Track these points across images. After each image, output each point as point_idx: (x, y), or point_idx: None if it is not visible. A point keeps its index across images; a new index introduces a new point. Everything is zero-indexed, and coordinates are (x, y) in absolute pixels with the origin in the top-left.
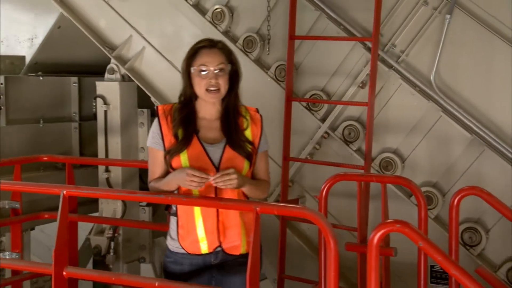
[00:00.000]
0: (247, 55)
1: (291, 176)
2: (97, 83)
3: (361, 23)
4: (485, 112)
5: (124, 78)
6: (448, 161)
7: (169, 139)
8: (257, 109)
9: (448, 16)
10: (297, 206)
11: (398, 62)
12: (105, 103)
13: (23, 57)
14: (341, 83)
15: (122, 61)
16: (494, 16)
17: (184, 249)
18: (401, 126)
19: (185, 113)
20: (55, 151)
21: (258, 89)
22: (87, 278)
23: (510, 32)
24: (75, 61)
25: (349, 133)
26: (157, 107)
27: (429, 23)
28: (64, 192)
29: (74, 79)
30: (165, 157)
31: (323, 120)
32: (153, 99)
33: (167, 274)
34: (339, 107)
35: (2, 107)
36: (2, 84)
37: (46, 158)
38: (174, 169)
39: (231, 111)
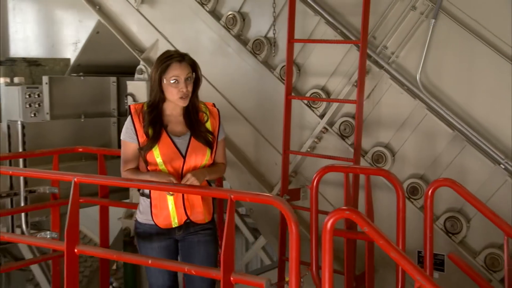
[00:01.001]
0: (255, 57)
1: (295, 167)
2: (128, 82)
3: (357, 27)
4: (467, 110)
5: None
6: (434, 155)
7: (142, 135)
8: (213, 104)
9: (433, 21)
10: (265, 194)
11: (389, 63)
12: (134, 100)
13: (68, 60)
14: (339, 83)
15: (150, 62)
16: (475, 20)
17: (157, 225)
18: (392, 122)
19: (153, 115)
20: (96, 143)
21: (265, 87)
22: (94, 255)
23: (491, 35)
24: (113, 63)
25: (345, 129)
26: (129, 106)
27: (417, 27)
28: (75, 179)
29: (113, 78)
30: (140, 152)
31: (322, 116)
32: None
33: (139, 239)
34: (335, 105)
35: (41, 104)
36: (47, 83)
37: (81, 149)
38: (147, 161)
39: (193, 108)
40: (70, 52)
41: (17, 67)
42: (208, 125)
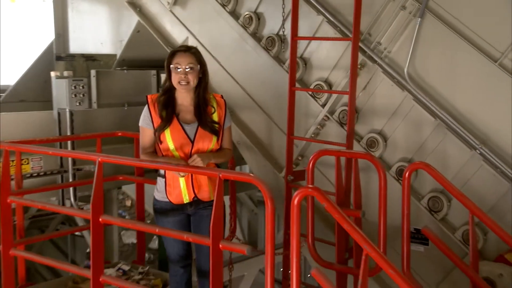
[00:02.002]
0: (268, 52)
1: (301, 151)
2: (162, 75)
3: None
4: (449, 100)
5: None
6: (420, 141)
7: (157, 120)
8: (221, 95)
9: (419, 19)
10: (247, 173)
11: (382, 58)
12: None
13: (115, 55)
14: (339, 75)
15: None
16: (457, 19)
17: (170, 200)
18: (385, 112)
19: (165, 99)
20: (137, 129)
21: (277, 80)
22: (116, 224)
23: (471, 32)
24: (153, 58)
25: (343, 117)
26: (147, 96)
27: (406, 25)
28: (99, 159)
29: (153, 71)
30: (154, 134)
31: (324, 105)
32: None
33: (156, 214)
34: (335, 95)
35: (85, 94)
36: (94, 76)
37: (120, 134)
38: (161, 142)
39: (201, 100)
40: (117, 48)
41: (76, 62)
42: (215, 115)
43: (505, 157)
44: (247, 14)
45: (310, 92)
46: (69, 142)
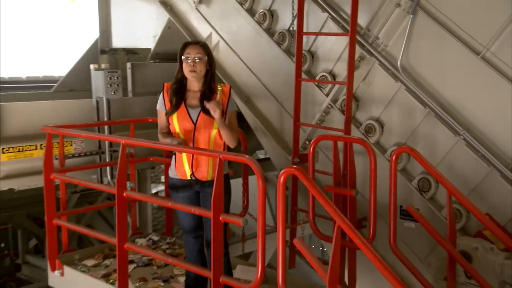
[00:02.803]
0: (279, 46)
1: (309, 135)
2: None
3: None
4: (438, 90)
5: None
6: (413, 127)
7: (168, 105)
8: (230, 86)
9: (411, 16)
10: (243, 155)
11: (379, 52)
12: None
13: (149, 49)
14: (342, 67)
15: None
16: (445, 15)
17: (179, 176)
18: (381, 100)
19: (176, 87)
20: None
21: (287, 71)
22: (137, 198)
23: (458, 28)
24: None
25: (345, 105)
26: (163, 84)
27: (400, 21)
28: (123, 141)
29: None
30: (166, 116)
31: (327, 95)
32: (222, 78)
33: (170, 190)
34: (337, 85)
35: (119, 84)
36: (129, 68)
37: (150, 119)
38: (169, 124)
39: (207, 88)
40: (151, 43)
41: (118, 55)
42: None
43: (487, 142)
44: (261, 12)
45: (316, 83)
46: (106, 126)
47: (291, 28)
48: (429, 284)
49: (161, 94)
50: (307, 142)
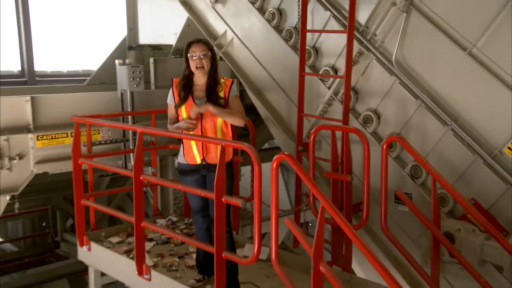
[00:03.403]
0: (287, 43)
1: (312, 126)
2: None
3: (357, 19)
4: (430, 84)
5: (221, 59)
6: (406, 118)
7: (177, 99)
8: (232, 80)
9: (404, 14)
10: (239, 142)
11: (376, 48)
12: None
13: (171, 45)
14: (343, 62)
15: (220, 47)
16: (437, 14)
17: (187, 162)
18: (379, 93)
19: (183, 83)
20: None
21: (294, 66)
22: (151, 181)
23: (448, 27)
24: None
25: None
26: (172, 79)
27: (395, 19)
28: (140, 130)
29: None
30: (175, 108)
31: (329, 87)
32: (236, 72)
33: (179, 174)
34: (338, 79)
35: (141, 78)
36: (152, 63)
37: None
38: (178, 115)
39: (211, 81)
40: (173, 39)
41: (144, 51)
42: (221, 93)
43: (473, 132)
44: (271, 10)
45: (319, 77)
46: (129, 116)
47: (297, 26)
48: (416, 262)
49: (171, 89)
50: (311, 132)
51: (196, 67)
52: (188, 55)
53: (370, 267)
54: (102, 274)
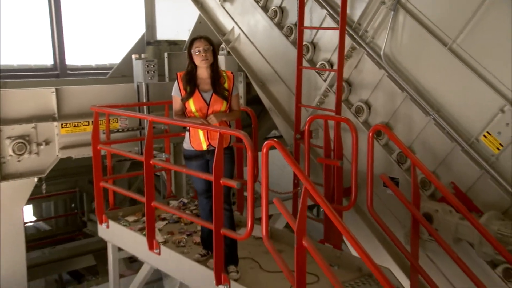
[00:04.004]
0: (287, 39)
1: (310, 115)
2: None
3: (350, 17)
4: (415, 77)
5: (229, 53)
6: (394, 109)
7: (183, 92)
8: (232, 72)
9: (392, 12)
10: (238, 130)
11: (367, 43)
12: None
13: (184, 41)
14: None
15: (228, 42)
16: (421, 12)
17: (194, 148)
18: (369, 85)
19: (188, 77)
20: None
21: (293, 60)
22: (160, 165)
23: (430, 23)
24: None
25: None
26: (177, 73)
27: (385, 17)
28: (150, 119)
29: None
30: (182, 101)
31: (325, 80)
32: (242, 66)
33: (185, 159)
34: (333, 72)
35: (155, 71)
36: (166, 57)
37: None
38: (186, 107)
39: (215, 74)
40: (186, 35)
41: (161, 46)
42: (225, 85)
43: (453, 121)
44: (273, 8)
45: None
46: (145, 106)
47: (297, 23)
48: (398, 240)
49: (176, 82)
50: None
51: (201, 60)
52: (192, 50)
53: (367, 245)
54: (119, 249)
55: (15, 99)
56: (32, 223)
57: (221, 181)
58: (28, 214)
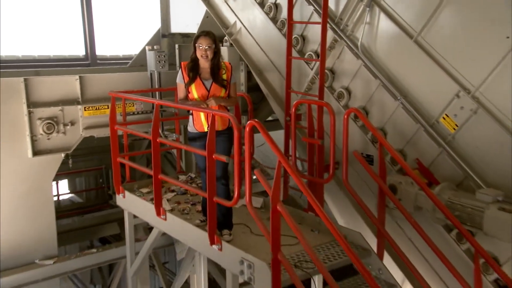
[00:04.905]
0: (280, 32)
1: (300, 99)
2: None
3: (334, 12)
4: (386, 65)
5: (232, 45)
6: (370, 94)
7: (186, 78)
8: (229, 63)
9: (367, 9)
10: (228, 112)
11: (347, 36)
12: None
13: (194, 33)
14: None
15: (231, 35)
16: (392, 8)
17: (197, 130)
18: (349, 73)
19: (191, 66)
20: None
21: (285, 51)
22: (167, 143)
23: (398, 17)
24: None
25: (327, 77)
26: (181, 63)
27: (362, 13)
28: (156, 103)
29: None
30: (185, 86)
31: (312, 69)
32: (242, 56)
33: (189, 140)
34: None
35: (165, 61)
36: (177, 49)
37: None
38: (189, 92)
39: (215, 65)
40: (196, 29)
41: (175, 38)
42: (224, 75)
43: (418, 105)
44: (269, 4)
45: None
46: (157, 92)
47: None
48: (368, 208)
49: (180, 70)
50: (299, 106)
51: (201, 56)
52: (196, 44)
53: (347, 214)
54: (134, 217)
55: (44, 85)
56: (67, 196)
57: (213, 156)
58: (64, 188)
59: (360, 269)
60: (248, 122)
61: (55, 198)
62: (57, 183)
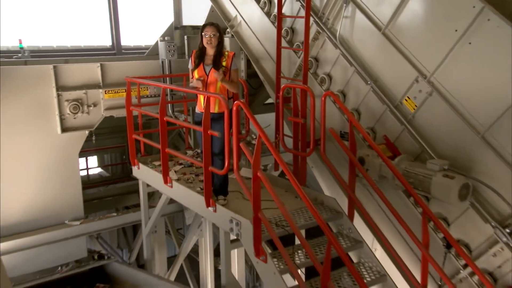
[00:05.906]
0: (273, 25)
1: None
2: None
3: (318, 7)
4: (361, 54)
5: (233, 36)
6: (347, 80)
7: (193, 64)
8: (233, 52)
9: (345, 4)
10: (219, 94)
11: (329, 28)
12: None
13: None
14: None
15: (232, 27)
16: (364, 4)
17: (199, 110)
18: (330, 61)
19: (198, 53)
20: None
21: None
22: (173, 121)
23: (370, 12)
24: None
25: (311, 64)
26: (192, 51)
27: (340, 8)
28: (163, 87)
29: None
30: (191, 71)
31: (299, 57)
32: (242, 47)
33: (196, 121)
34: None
35: (175, 50)
36: (186, 40)
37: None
38: (193, 75)
39: (218, 53)
40: (203, 21)
41: (186, 30)
42: (224, 63)
43: (385, 89)
44: (264, 0)
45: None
46: (167, 78)
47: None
48: (341, 178)
49: (190, 57)
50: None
51: (207, 43)
52: (203, 33)
53: (330, 184)
54: (147, 185)
55: (71, 72)
56: (97, 171)
57: (208, 132)
58: (93, 163)
59: (320, 224)
60: (235, 102)
61: (85, 172)
62: (86, 159)
